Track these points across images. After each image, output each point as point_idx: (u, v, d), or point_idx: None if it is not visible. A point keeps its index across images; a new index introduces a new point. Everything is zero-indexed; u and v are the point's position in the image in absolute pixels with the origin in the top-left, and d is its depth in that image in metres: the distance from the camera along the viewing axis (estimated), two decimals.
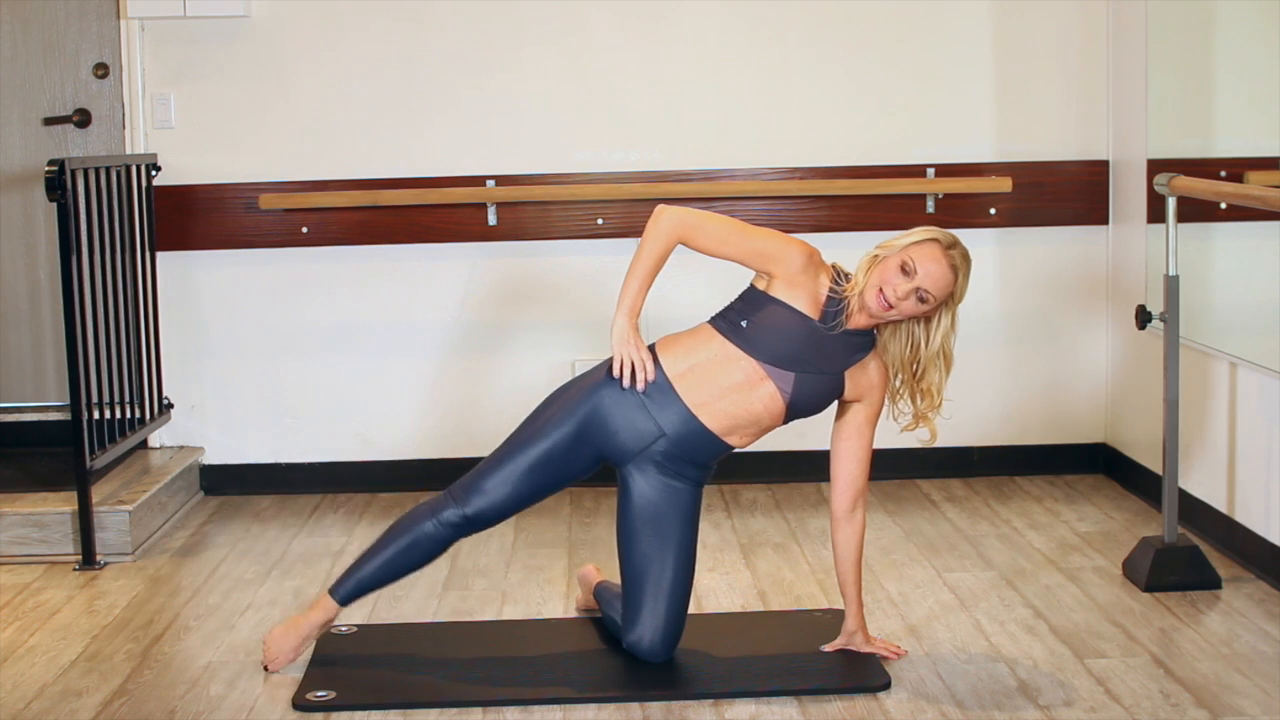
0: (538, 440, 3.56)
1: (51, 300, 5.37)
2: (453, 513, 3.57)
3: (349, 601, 3.66)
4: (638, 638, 3.59)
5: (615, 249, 5.26)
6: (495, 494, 3.56)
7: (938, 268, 3.42)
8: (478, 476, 3.59)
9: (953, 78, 5.27)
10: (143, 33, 5.21)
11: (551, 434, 3.56)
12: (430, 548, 3.60)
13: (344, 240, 5.27)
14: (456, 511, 3.57)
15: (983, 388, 5.30)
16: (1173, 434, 4.16)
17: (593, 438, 3.56)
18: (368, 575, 3.63)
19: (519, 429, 3.63)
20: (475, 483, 3.58)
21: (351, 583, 3.64)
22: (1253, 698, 3.39)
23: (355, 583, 3.64)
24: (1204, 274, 4.62)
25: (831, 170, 5.25)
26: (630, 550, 3.59)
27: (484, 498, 3.56)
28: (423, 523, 3.59)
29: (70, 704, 3.49)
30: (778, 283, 3.50)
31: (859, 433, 3.58)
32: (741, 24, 5.24)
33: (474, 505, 3.56)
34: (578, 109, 5.26)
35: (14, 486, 4.86)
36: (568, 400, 3.58)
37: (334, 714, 3.41)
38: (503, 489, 3.56)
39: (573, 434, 3.55)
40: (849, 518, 3.60)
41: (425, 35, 5.23)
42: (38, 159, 5.35)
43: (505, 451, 3.60)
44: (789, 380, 3.49)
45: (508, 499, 3.57)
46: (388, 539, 3.63)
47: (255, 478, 5.37)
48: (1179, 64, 4.84)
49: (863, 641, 3.65)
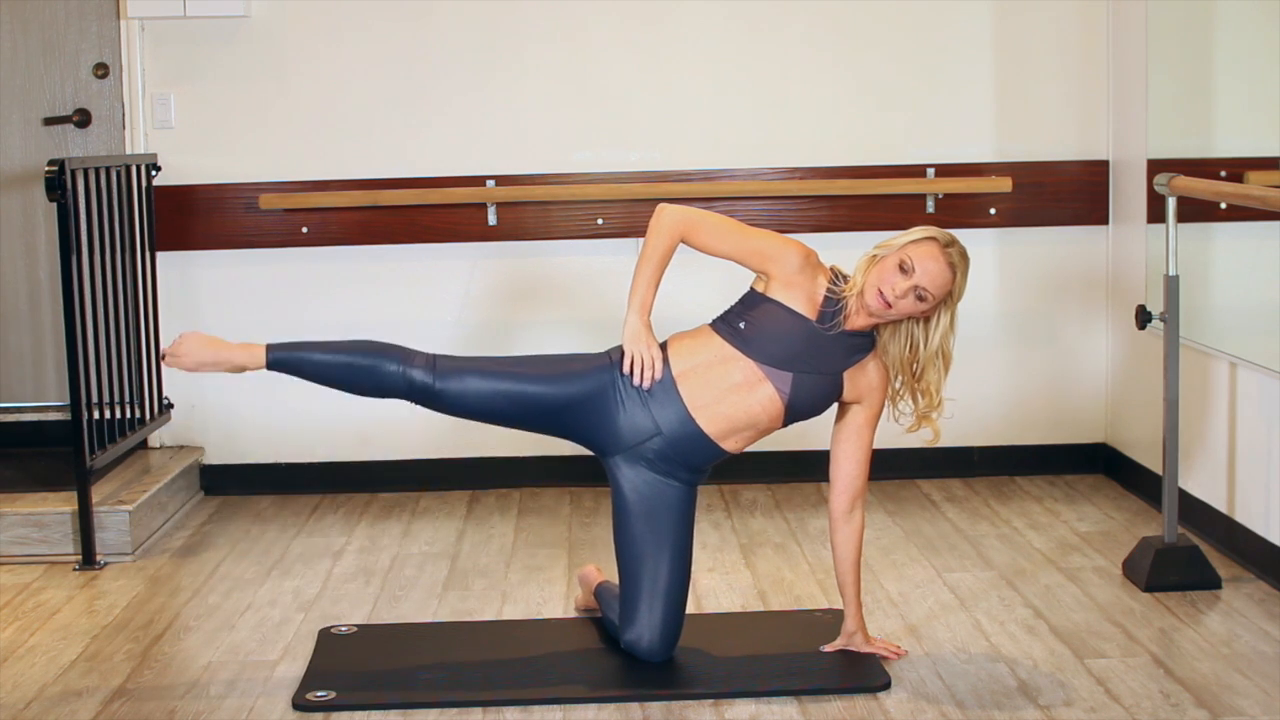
0: (537, 381, 3.54)
1: (51, 300, 5.37)
2: (422, 375, 3.51)
3: (275, 367, 3.52)
4: (636, 636, 3.59)
5: (615, 249, 5.26)
6: (470, 390, 3.52)
7: (936, 266, 3.42)
8: (466, 366, 3.55)
9: (953, 78, 5.27)
10: (143, 33, 5.21)
11: (551, 384, 3.53)
12: (377, 384, 3.52)
13: (344, 240, 5.27)
14: (426, 376, 3.51)
15: (983, 388, 5.30)
16: (1173, 434, 4.16)
17: (584, 415, 3.54)
18: (308, 360, 3.52)
19: (535, 358, 3.61)
20: (460, 369, 3.54)
21: (290, 352, 3.53)
22: (1253, 698, 3.39)
23: (294, 355, 3.52)
24: (1204, 274, 4.62)
25: (831, 170, 5.25)
26: (625, 548, 3.59)
27: (458, 385, 3.51)
28: (389, 361, 3.51)
29: (70, 704, 3.49)
30: (775, 284, 3.51)
31: (858, 434, 3.58)
32: (741, 24, 5.24)
33: (446, 384, 3.51)
34: (578, 109, 5.26)
35: (14, 486, 4.86)
36: (591, 364, 3.56)
37: (334, 714, 3.41)
38: (478, 392, 3.52)
39: (567, 399, 3.53)
40: (848, 518, 3.60)
41: (425, 35, 5.23)
42: (38, 159, 5.35)
43: (508, 367, 3.56)
44: (787, 381, 3.49)
45: (475, 403, 3.53)
46: (350, 348, 3.54)
47: (255, 478, 5.37)
48: (1179, 64, 4.84)
49: (862, 642, 3.65)
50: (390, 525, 4.94)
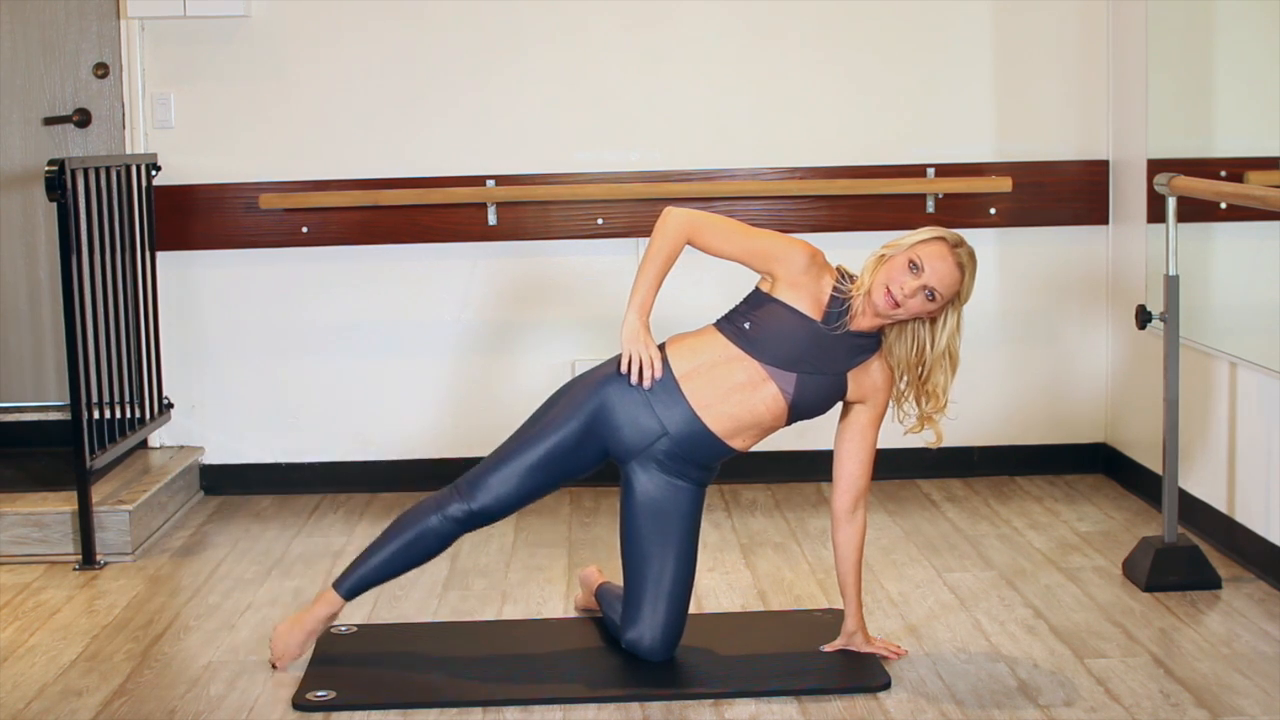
0: (544, 436, 3.57)
1: (51, 300, 5.37)
2: (458, 508, 3.58)
3: (353, 596, 3.67)
4: (637, 636, 3.60)
5: (615, 249, 5.26)
6: (501, 489, 3.57)
7: (945, 265, 3.42)
8: (484, 472, 3.59)
9: (953, 78, 5.27)
10: (143, 33, 5.21)
11: (558, 430, 3.56)
12: (435, 543, 3.61)
13: (344, 240, 5.27)
14: (462, 507, 3.57)
15: (983, 388, 5.30)
16: (1173, 434, 4.16)
17: (598, 433, 3.56)
18: (372, 569, 3.64)
19: (526, 424, 3.63)
20: (481, 478, 3.59)
21: (355, 577, 3.65)
22: (1253, 698, 3.39)
23: (359, 577, 3.65)
24: (1204, 274, 4.62)
25: (832, 170, 5.25)
26: (631, 547, 3.60)
27: (490, 493, 3.57)
28: (428, 518, 3.60)
29: (70, 704, 3.49)
30: (780, 284, 3.51)
31: (862, 434, 3.58)
32: (741, 24, 5.24)
33: (480, 501, 3.57)
34: (578, 109, 5.26)
35: (14, 486, 4.86)
36: (574, 396, 3.59)
37: (334, 714, 3.41)
38: (509, 484, 3.57)
39: (579, 430, 3.56)
40: (850, 518, 3.60)
41: (425, 35, 5.23)
42: (38, 159, 5.35)
43: (512, 447, 3.60)
44: (791, 381, 3.49)
45: (514, 494, 3.58)
46: (392, 533, 3.64)
47: (255, 478, 5.37)
48: (1179, 64, 4.84)
49: (863, 642, 3.65)
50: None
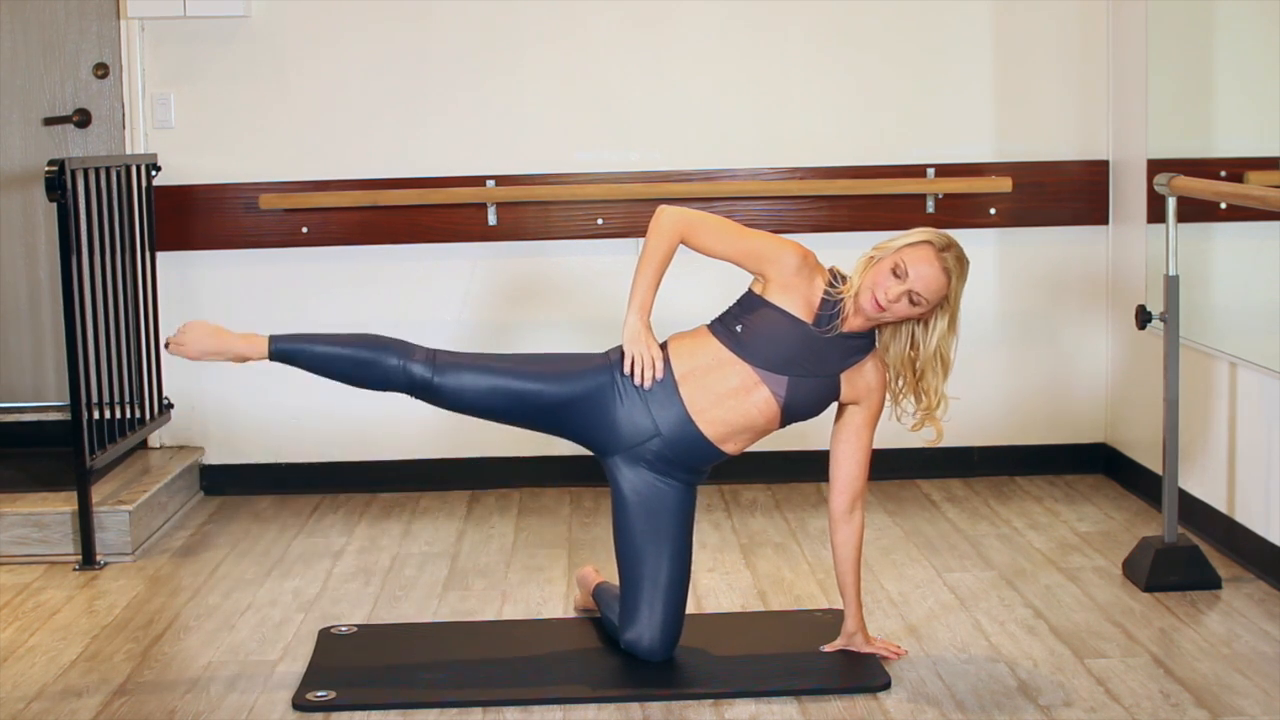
0: (536, 379, 3.54)
1: (51, 300, 5.37)
2: (421, 369, 3.52)
3: (278, 358, 3.54)
4: (636, 636, 3.59)
5: (615, 249, 5.26)
6: (468, 387, 3.52)
7: (929, 270, 3.41)
8: (465, 362, 3.55)
9: (953, 78, 5.27)
10: (143, 33, 5.21)
11: (549, 383, 3.54)
12: (378, 378, 3.53)
13: (344, 240, 5.27)
14: (425, 371, 3.51)
15: (983, 388, 5.30)
16: (1173, 434, 4.16)
17: (582, 414, 3.55)
18: (311, 350, 3.54)
19: (535, 356, 3.62)
20: (459, 364, 3.54)
21: (293, 344, 3.54)
22: (1253, 698, 3.39)
23: (296, 349, 3.54)
24: (1204, 274, 4.62)
25: (831, 170, 5.25)
26: (625, 547, 3.60)
27: (456, 381, 3.52)
28: (390, 355, 3.52)
29: (70, 704, 3.49)
30: (772, 286, 3.51)
31: (857, 435, 3.58)
32: (741, 24, 5.24)
33: (444, 379, 3.52)
34: (578, 109, 5.26)
35: (14, 486, 4.86)
36: (585, 365, 3.57)
37: (334, 714, 3.41)
38: (476, 387, 3.53)
39: (565, 398, 3.54)
40: (847, 519, 3.60)
41: (425, 35, 5.23)
42: (38, 159, 5.35)
43: (507, 365, 3.57)
44: (783, 384, 3.49)
45: (473, 399, 3.54)
46: (353, 341, 3.55)
47: (255, 478, 5.37)
48: (1179, 64, 4.84)
49: (862, 642, 3.65)
50: (390, 525, 4.94)
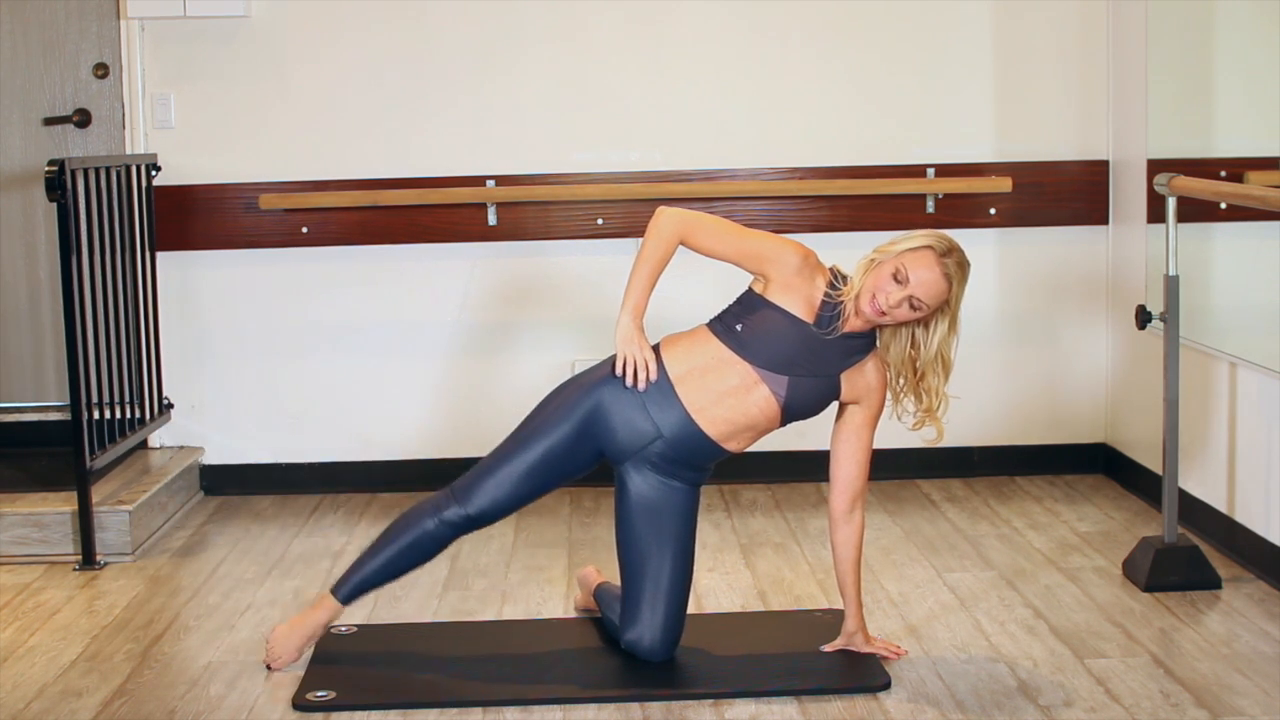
0: (539, 439, 3.57)
1: (51, 300, 5.37)
2: (454, 512, 3.58)
3: (351, 600, 3.68)
4: (637, 636, 3.60)
5: (615, 249, 5.26)
6: (497, 493, 3.57)
7: (930, 275, 3.41)
8: (480, 475, 3.60)
9: (953, 78, 5.27)
10: (143, 33, 5.21)
11: (553, 432, 3.56)
12: (431, 546, 3.62)
13: (344, 240, 5.27)
14: (458, 511, 3.58)
15: (983, 388, 5.30)
16: (1173, 434, 4.16)
17: (593, 434, 3.56)
18: (369, 574, 3.65)
19: (520, 426, 3.63)
20: (477, 482, 3.59)
21: (353, 582, 3.66)
22: (1253, 698, 3.39)
23: (357, 582, 3.66)
24: (1204, 274, 4.62)
25: (831, 170, 5.25)
26: (628, 547, 3.60)
27: (486, 497, 3.57)
28: (424, 521, 3.60)
29: (70, 704, 3.49)
30: (773, 285, 3.51)
31: (857, 435, 3.58)
32: (741, 24, 5.24)
33: (476, 505, 3.57)
34: (578, 109, 5.26)
35: (14, 486, 4.86)
36: (568, 398, 3.59)
37: (334, 714, 3.41)
38: (504, 488, 3.57)
39: (573, 432, 3.56)
40: (847, 518, 3.60)
41: (425, 35, 5.23)
42: (38, 159, 5.35)
43: (507, 450, 3.60)
44: (783, 384, 3.49)
45: (510, 497, 3.58)
46: (389, 537, 3.65)
47: (255, 478, 5.37)
48: (1179, 64, 4.84)
49: (863, 642, 3.65)
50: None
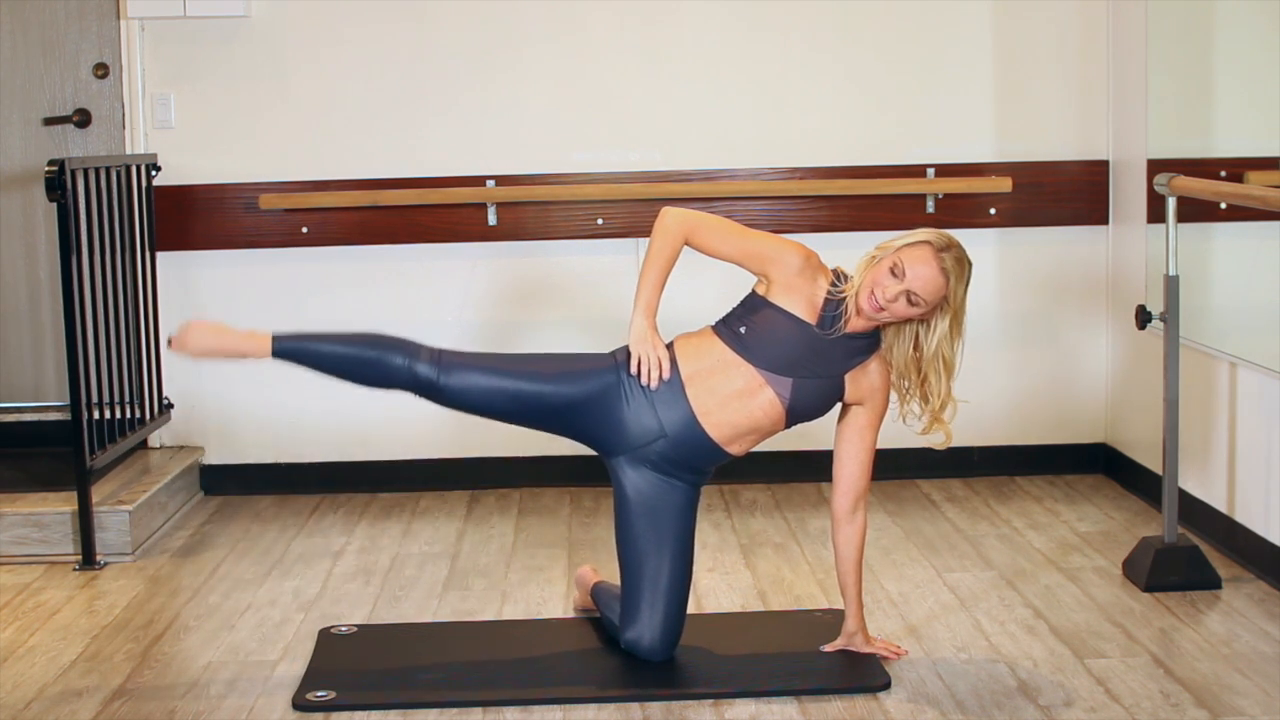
0: (541, 380, 3.54)
1: (51, 300, 5.37)
2: (427, 369, 3.51)
3: (281, 356, 3.52)
4: (637, 636, 3.59)
5: (615, 249, 5.26)
6: (473, 387, 3.52)
7: (927, 270, 3.41)
8: (471, 362, 3.55)
9: (953, 78, 5.27)
10: (143, 33, 5.21)
11: (554, 384, 3.53)
12: (382, 376, 3.52)
13: (344, 240, 5.27)
14: (431, 371, 3.50)
15: (983, 388, 5.29)
16: (1173, 434, 4.16)
17: (588, 415, 3.55)
18: (315, 348, 3.53)
19: (541, 356, 3.62)
20: (464, 365, 3.54)
21: (297, 343, 3.53)
22: (1253, 698, 3.39)
23: (299, 346, 3.53)
24: (1204, 274, 4.62)
25: (831, 170, 5.25)
26: (627, 547, 3.60)
27: (462, 381, 3.51)
28: (396, 354, 3.51)
29: (70, 704, 3.49)
30: (775, 287, 3.51)
31: (860, 435, 3.58)
32: (741, 24, 5.24)
33: (450, 380, 3.51)
34: (578, 109, 5.27)
35: (14, 486, 4.86)
36: (591, 365, 3.56)
37: (334, 714, 3.41)
38: (482, 389, 3.52)
39: (570, 398, 3.53)
40: (850, 519, 3.60)
41: (425, 35, 5.23)
42: (38, 159, 5.35)
43: (509, 366, 3.56)
44: (787, 386, 3.49)
45: (481, 398, 3.53)
46: (357, 340, 3.54)
47: (255, 478, 5.37)
48: (1179, 64, 4.84)
49: (863, 642, 3.65)
50: (390, 525, 4.94)
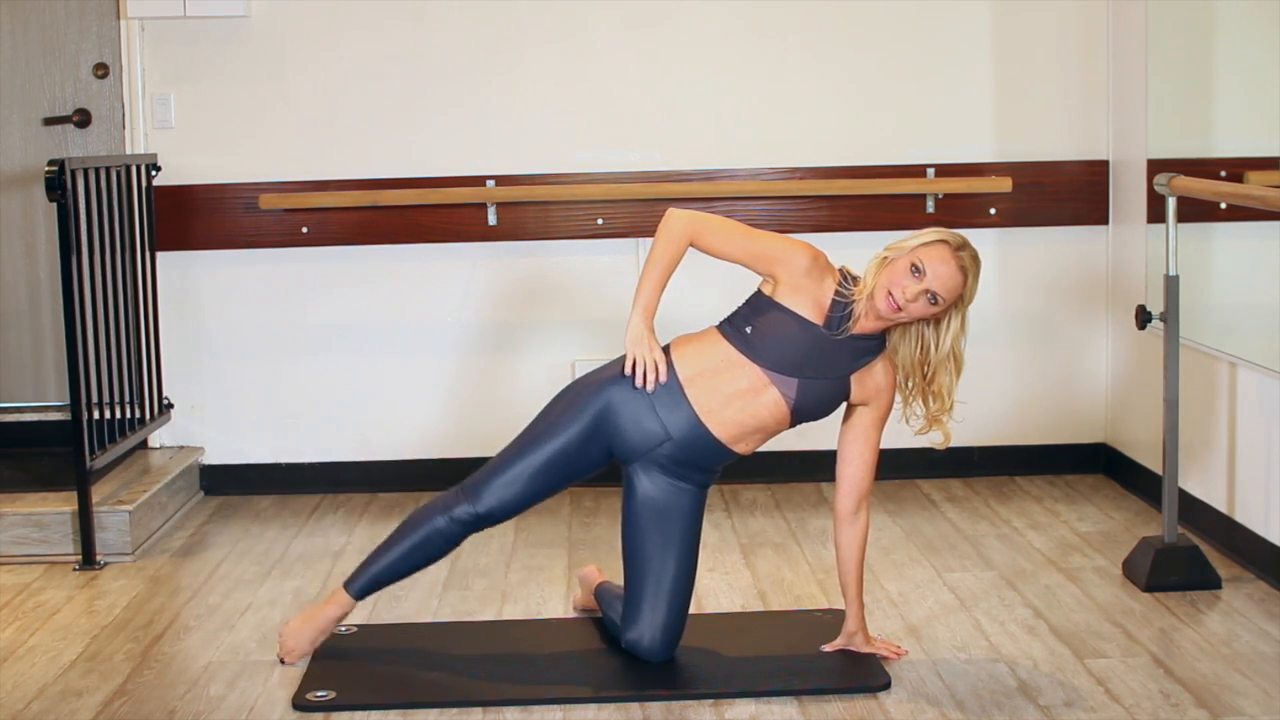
0: (550, 438, 3.57)
1: (51, 300, 5.37)
2: (465, 510, 3.59)
3: (364, 596, 3.70)
4: (638, 636, 3.60)
5: (615, 249, 5.26)
6: (508, 492, 3.58)
7: (947, 269, 3.41)
8: (490, 474, 3.60)
9: (952, 78, 5.27)
10: (143, 33, 5.21)
11: (563, 432, 3.56)
12: (442, 544, 3.63)
13: (344, 240, 5.27)
14: (468, 509, 3.59)
15: (983, 388, 5.29)
16: (1173, 434, 4.16)
17: (603, 434, 3.56)
18: (382, 569, 3.67)
19: (531, 425, 3.64)
20: (488, 481, 3.59)
21: (366, 577, 3.67)
22: (1253, 698, 3.39)
23: (370, 577, 3.67)
24: (1204, 274, 4.62)
25: (831, 170, 5.25)
26: (633, 547, 3.60)
27: (495, 497, 3.58)
28: (435, 519, 3.61)
29: (70, 704, 3.49)
30: (782, 287, 3.51)
31: (864, 436, 3.58)
32: (741, 24, 5.24)
33: (485, 503, 3.58)
34: (578, 109, 5.27)
35: (14, 486, 4.86)
36: (578, 397, 3.59)
37: (334, 714, 3.41)
38: (514, 487, 3.58)
39: (583, 432, 3.56)
40: (852, 519, 3.60)
41: (425, 35, 5.23)
42: (38, 159, 5.35)
43: (518, 449, 3.60)
44: (793, 386, 3.49)
45: (519, 496, 3.59)
46: (401, 534, 3.67)
47: (255, 478, 5.37)
48: (1179, 64, 4.84)
49: (863, 642, 3.65)
50: (390, 525, 4.91)
